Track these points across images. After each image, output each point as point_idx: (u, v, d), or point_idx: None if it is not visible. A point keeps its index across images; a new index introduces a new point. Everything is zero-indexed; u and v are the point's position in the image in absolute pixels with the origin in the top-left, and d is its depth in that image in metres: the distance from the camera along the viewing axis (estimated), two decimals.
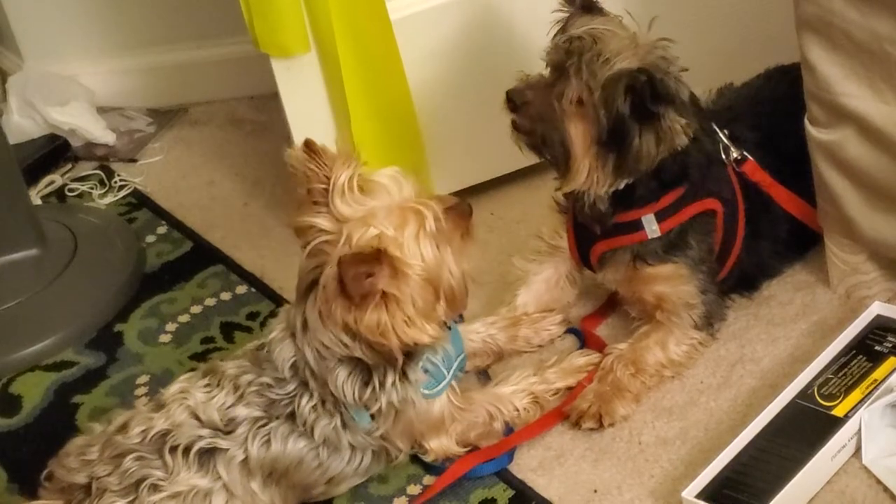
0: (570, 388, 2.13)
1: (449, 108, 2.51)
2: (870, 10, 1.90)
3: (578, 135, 2.02)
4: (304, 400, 1.92)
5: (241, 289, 2.57)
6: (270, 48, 2.39)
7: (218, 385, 1.94)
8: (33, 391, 2.40)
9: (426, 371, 1.96)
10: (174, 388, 1.96)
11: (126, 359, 2.44)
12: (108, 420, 1.99)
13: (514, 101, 2.05)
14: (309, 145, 1.88)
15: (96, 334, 2.51)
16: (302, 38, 2.37)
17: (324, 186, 1.86)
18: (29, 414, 2.36)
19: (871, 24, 1.91)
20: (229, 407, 1.92)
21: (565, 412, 2.10)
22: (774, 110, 2.25)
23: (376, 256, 1.78)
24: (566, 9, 2.08)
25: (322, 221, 1.86)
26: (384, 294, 1.81)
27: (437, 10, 2.46)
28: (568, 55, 2.01)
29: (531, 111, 2.04)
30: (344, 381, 1.90)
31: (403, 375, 1.92)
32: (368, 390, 1.91)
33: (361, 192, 1.86)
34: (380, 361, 1.89)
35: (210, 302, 2.54)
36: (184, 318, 2.51)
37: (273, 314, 2.44)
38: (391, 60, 2.40)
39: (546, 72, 2.05)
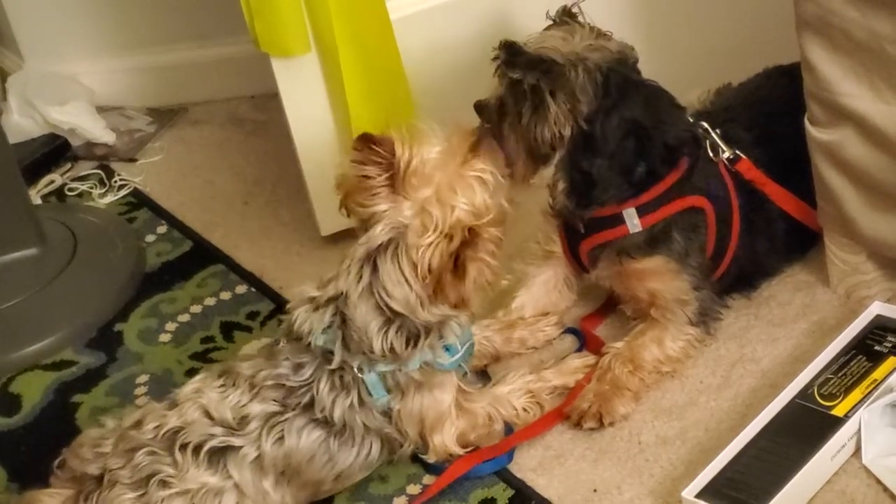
0: (567, 388, 2.14)
1: (449, 108, 2.50)
2: (869, 10, 1.90)
3: (510, 131, 2.08)
4: (323, 382, 1.94)
5: (241, 288, 2.57)
6: (271, 48, 2.39)
7: (233, 385, 1.96)
8: (33, 390, 2.40)
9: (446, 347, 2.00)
10: (189, 388, 1.98)
11: (126, 358, 2.44)
12: (120, 416, 2.01)
13: (476, 110, 2.17)
14: (366, 139, 1.92)
15: (96, 334, 2.51)
16: (302, 38, 2.37)
17: (387, 174, 1.92)
18: (28, 413, 2.36)
19: (871, 24, 1.91)
20: (244, 405, 1.94)
21: (566, 413, 2.10)
22: (772, 110, 2.25)
23: (475, 235, 1.90)
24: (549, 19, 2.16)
25: (385, 205, 1.93)
26: (473, 258, 1.91)
27: (438, 9, 2.46)
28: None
29: (486, 118, 2.14)
30: (393, 337, 1.93)
31: (439, 336, 1.97)
32: (409, 347, 1.94)
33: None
34: (445, 313, 1.95)
35: (210, 301, 2.54)
36: (184, 318, 2.51)
37: (273, 314, 2.45)
38: (391, 60, 2.40)
39: None
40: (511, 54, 2.05)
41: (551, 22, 2.15)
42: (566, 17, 2.14)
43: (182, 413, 1.93)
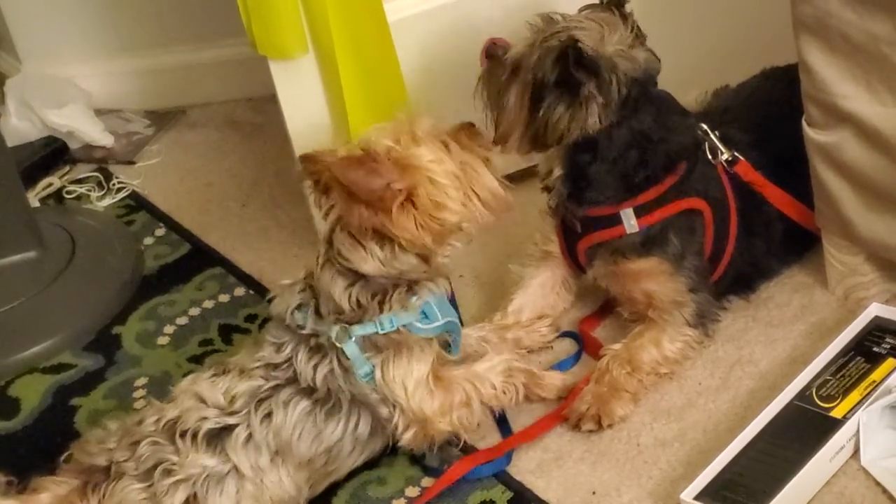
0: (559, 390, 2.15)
1: (447, 110, 2.50)
2: (866, 12, 1.90)
3: (515, 95, 2.08)
4: (301, 352, 1.98)
5: (240, 291, 2.57)
6: (268, 50, 2.39)
7: (224, 373, 2.01)
8: (31, 394, 2.40)
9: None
10: (183, 383, 2.03)
11: (124, 361, 2.44)
12: (122, 419, 2.04)
13: (487, 52, 2.16)
14: (307, 158, 1.98)
15: (94, 337, 2.51)
16: (300, 40, 2.37)
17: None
18: (27, 416, 2.36)
19: (868, 26, 1.91)
20: (234, 388, 1.98)
21: (564, 415, 2.10)
22: (770, 112, 2.25)
23: (368, 157, 1.91)
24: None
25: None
26: (408, 194, 1.93)
27: (435, 11, 2.46)
28: (534, 29, 2.09)
29: (494, 65, 2.14)
30: (359, 293, 1.97)
31: (409, 291, 1.99)
32: (376, 300, 1.98)
33: None
34: (411, 269, 1.98)
35: (208, 304, 2.54)
36: (182, 321, 2.51)
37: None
38: (389, 62, 2.40)
39: None
40: (579, 55, 2.00)
41: (596, 2, 2.13)
42: (612, 6, 2.10)
43: (178, 403, 1.99)
